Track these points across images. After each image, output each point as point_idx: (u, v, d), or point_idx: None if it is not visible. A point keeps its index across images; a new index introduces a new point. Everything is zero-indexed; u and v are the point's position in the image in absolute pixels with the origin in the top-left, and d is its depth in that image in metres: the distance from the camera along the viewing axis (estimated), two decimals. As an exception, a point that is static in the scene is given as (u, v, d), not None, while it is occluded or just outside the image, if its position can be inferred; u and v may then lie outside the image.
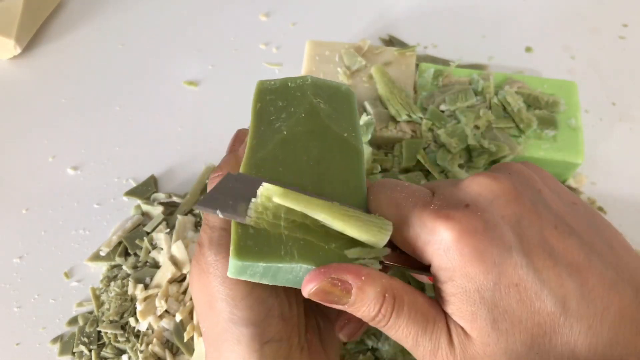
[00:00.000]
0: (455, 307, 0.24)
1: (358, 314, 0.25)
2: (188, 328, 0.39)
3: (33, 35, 0.57)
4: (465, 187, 0.26)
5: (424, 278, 0.32)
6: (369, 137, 0.43)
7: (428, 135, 0.43)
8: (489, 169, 0.28)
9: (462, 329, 0.24)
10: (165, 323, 0.40)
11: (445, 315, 0.25)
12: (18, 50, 0.55)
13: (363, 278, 0.24)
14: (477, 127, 0.44)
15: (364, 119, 0.43)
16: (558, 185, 0.28)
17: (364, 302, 0.24)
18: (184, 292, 0.41)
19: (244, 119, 0.51)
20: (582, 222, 0.25)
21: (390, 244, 0.26)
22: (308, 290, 0.24)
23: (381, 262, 0.26)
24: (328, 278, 0.24)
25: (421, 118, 0.44)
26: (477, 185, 0.25)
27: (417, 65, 0.48)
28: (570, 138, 0.44)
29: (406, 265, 0.27)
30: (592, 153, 0.47)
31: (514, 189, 0.25)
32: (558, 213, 0.25)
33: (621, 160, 0.48)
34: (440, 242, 0.24)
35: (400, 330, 0.24)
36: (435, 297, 0.26)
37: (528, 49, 0.56)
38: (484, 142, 0.42)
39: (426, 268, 0.26)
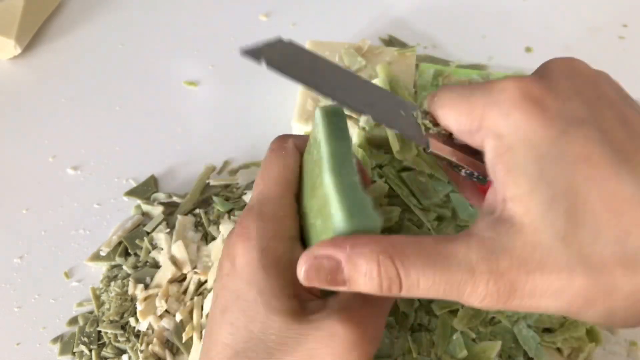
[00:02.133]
0: (513, 185, 0.21)
1: (363, 290, 0.22)
2: (187, 328, 0.39)
3: (33, 35, 0.57)
4: (544, 65, 0.24)
5: (471, 188, 0.29)
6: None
7: None
8: None
9: (500, 228, 0.21)
10: (165, 323, 0.40)
11: (469, 234, 0.21)
12: (18, 50, 0.55)
13: (347, 248, 0.22)
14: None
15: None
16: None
17: (359, 273, 0.22)
18: (184, 292, 0.41)
19: (244, 119, 0.51)
20: None
21: (442, 135, 0.25)
22: (301, 275, 0.23)
23: (430, 153, 0.25)
24: (312, 258, 0.23)
25: None
26: (557, 64, 0.23)
27: (417, 66, 0.48)
28: (570, 138, 0.44)
29: (455, 159, 0.26)
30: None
31: (597, 74, 0.22)
32: None
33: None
34: (504, 102, 0.21)
35: (424, 287, 0.21)
36: (490, 181, 0.23)
37: (528, 49, 0.56)
38: None
39: (475, 166, 0.24)
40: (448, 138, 0.26)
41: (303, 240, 0.29)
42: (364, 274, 0.21)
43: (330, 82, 0.27)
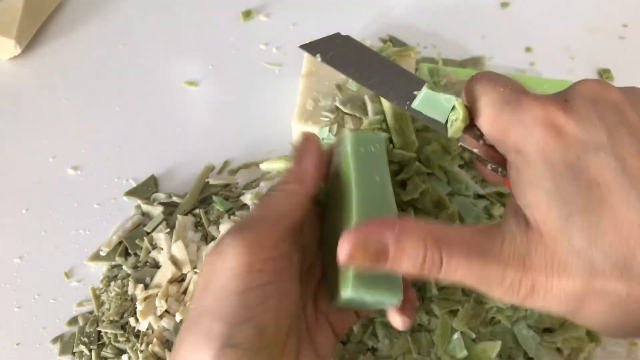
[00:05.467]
0: (532, 195, 0.23)
1: (402, 270, 0.23)
2: (188, 328, 0.39)
3: (33, 35, 0.57)
4: (572, 87, 0.24)
5: (495, 177, 0.31)
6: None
7: (433, 136, 0.43)
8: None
9: (529, 231, 0.22)
10: (165, 323, 0.40)
11: (503, 232, 0.23)
12: (18, 50, 0.55)
13: (397, 230, 0.23)
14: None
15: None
16: None
17: (404, 254, 0.23)
18: (184, 292, 0.41)
19: (244, 119, 0.51)
20: None
21: (474, 132, 0.27)
22: (344, 253, 0.23)
23: (461, 146, 0.27)
24: (361, 235, 0.23)
25: None
26: (583, 86, 0.24)
27: (416, 69, 0.48)
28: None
29: (486, 155, 0.27)
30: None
31: (623, 101, 0.23)
32: None
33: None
34: (527, 124, 0.23)
35: (460, 273, 0.23)
36: (510, 189, 0.25)
37: (528, 49, 0.56)
38: None
39: (501, 163, 0.26)
40: (479, 134, 0.27)
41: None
42: (410, 256, 0.23)
43: (377, 78, 0.30)
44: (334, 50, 0.31)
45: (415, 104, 0.29)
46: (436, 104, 0.28)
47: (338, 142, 0.32)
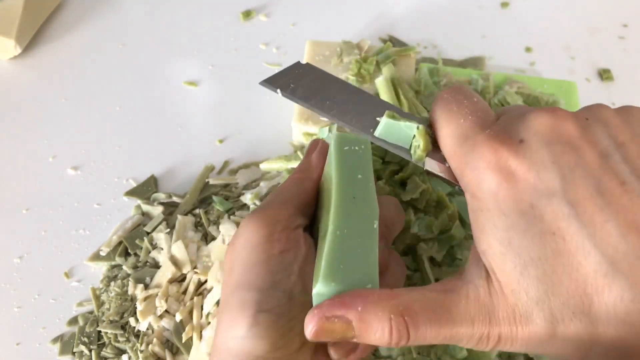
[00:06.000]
0: (486, 244, 0.23)
1: (373, 343, 0.24)
2: (187, 328, 0.39)
3: (33, 35, 0.57)
4: (529, 120, 0.23)
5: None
6: None
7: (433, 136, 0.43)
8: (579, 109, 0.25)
9: (490, 283, 0.23)
10: (165, 323, 0.40)
11: (467, 286, 0.24)
12: (18, 50, 0.55)
13: (359, 308, 0.23)
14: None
15: None
16: None
17: (370, 331, 0.23)
18: (184, 292, 0.41)
19: (244, 119, 0.51)
20: None
21: (439, 155, 0.27)
22: (309, 332, 0.24)
23: (426, 172, 0.27)
24: (323, 317, 0.23)
25: (426, 119, 0.43)
26: (540, 123, 0.23)
27: (416, 69, 0.48)
28: (570, 138, 0.44)
29: (449, 178, 0.27)
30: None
31: (580, 137, 0.22)
32: (637, 171, 0.22)
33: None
34: (482, 168, 0.23)
35: (428, 337, 0.23)
36: (471, 230, 0.25)
37: (528, 49, 0.56)
38: None
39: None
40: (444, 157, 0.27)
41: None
42: (375, 331, 0.23)
43: (340, 107, 0.29)
44: (295, 82, 0.30)
45: (377, 132, 0.29)
46: (398, 132, 0.28)
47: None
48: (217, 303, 0.39)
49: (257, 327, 0.25)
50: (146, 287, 0.42)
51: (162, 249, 0.43)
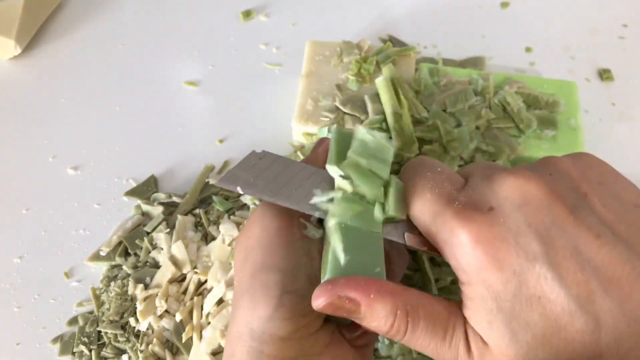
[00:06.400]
0: (472, 313, 0.23)
1: (371, 328, 0.25)
2: (187, 328, 0.39)
3: (33, 35, 0.57)
4: (495, 185, 0.24)
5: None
6: None
7: (433, 136, 0.43)
8: (532, 163, 0.26)
9: (481, 337, 0.23)
10: (165, 323, 0.40)
11: (465, 321, 0.24)
12: (18, 50, 0.55)
13: (372, 295, 0.24)
14: (477, 127, 0.44)
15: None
16: (618, 182, 0.25)
17: (374, 318, 0.24)
18: (184, 292, 0.41)
19: (244, 119, 0.51)
20: (637, 228, 0.23)
21: (416, 229, 0.27)
22: (317, 304, 0.24)
23: (405, 247, 0.27)
24: (335, 295, 0.24)
25: (426, 118, 0.44)
26: (507, 187, 0.23)
27: (416, 69, 0.48)
28: (570, 138, 0.44)
29: (430, 249, 0.27)
30: (592, 153, 0.47)
31: (548, 194, 0.23)
32: (606, 220, 0.23)
33: (621, 161, 0.48)
34: (458, 244, 0.23)
35: (418, 343, 0.24)
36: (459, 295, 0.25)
37: (528, 49, 0.56)
38: (482, 145, 0.43)
39: None
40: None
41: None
42: (379, 320, 0.24)
43: (296, 191, 0.28)
44: (253, 174, 0.28)
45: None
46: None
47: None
48: (217, 303, 0.39)
49: (283, 307, 0.25)
50: (146, 287, 0.42)
51: (162, 249, 0.43)
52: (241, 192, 0.27)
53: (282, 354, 0.25)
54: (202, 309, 0.40)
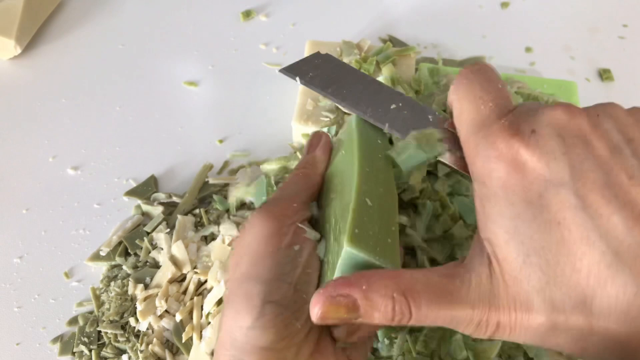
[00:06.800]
0: (491, 232, 0.23)
1: (376, 322, 0.24)
2: (187, 328, 0.39)
3: (33, 35, 0.57)
4: (542, 113, 0.24)
5: None
6: None
7: None
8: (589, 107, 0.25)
9: (492, 271, 0.23)
10: (165, 323, 0.40)
11: (469, 273, 0.24)
12: (18, 50, 0.55)
13: (364, 287, 0.24)
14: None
15: None
16: None
17: (374, 309, 0.24)
18: (184, 292, 0.41)
19: (244, 119, 0.51)
20: None
21: (456, 144, 0.27)
22: (315, 314, 0.24)
23: (439, 162, 0.27)
24: (329, 297, 0.24)
25: None
26: (553, 116, 0.23)
27: (416, 69, 0.48)
28: (570, 138, 0.44)
29: (459, 168, 0.27)
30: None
31: (591, 131, 0.23)
32: None
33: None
34: (491, 158, 0.23)
35: (430, 318, 0.24)
36: (476, 217, 0.25)
37: (528, 49, 0.56)
38: None
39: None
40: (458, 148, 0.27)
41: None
42: (379, 310, 0.24)
43: (355, 96, 0.30)
44: (313, 70, 0.31)
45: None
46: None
47: (340, 127, 0.33)
48: (217, 303, 0.39)
49: (264, 317, 0.25)
50: (146, 287, 0.42)
51: (162, 249, 0.43)
52: (299, 82, 0.30)
53: None
54: (202, 309, 0.40)
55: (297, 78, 0.31)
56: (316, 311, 0.24)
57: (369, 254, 0.25)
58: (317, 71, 0.32)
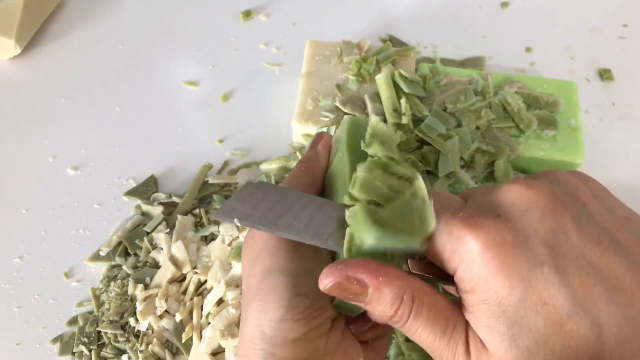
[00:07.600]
0: (474, 317, 0.23)
1: (375, 312, 0.25)
2: (187, 328, 0.39)
3: (33, 35, 0.57)
4: (499, 195, 0.24)
5: (452, 289, 0.32)
6: None
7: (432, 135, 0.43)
8: (531, 176, 0.27)
9: (481, 340, 0.23)
10: (165, 323, 0.40)
11: (466, 322, 0.24)
12: (18, 50, 0.55)
13: (380, 278, 0.24)
14: (477, 127, 0.44)
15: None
16: (610, 198, 0.26)
17: (380, 301, 0.24)
18: (184, 292, 0.41)
19: (244, 119, 0.51)
20: (634, 238, 0.23)
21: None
22: (324, 285, 0.24)
23: (408, 271, 0.26)
24: (344, 275, 0.24)
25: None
26: (512, 194, 0.24)
27: (416, 68, 0.48)
28: (570, 138, 0.44)
29: (434, 275, 0.27)
30: (592, 153, 0.47)
31: (552, 199, 0.23)
32: (605, 228, 0.23)
33: (621, 160, 0.48)
34: (466, 252, 0.23)
35: (418, 332, 0.24)
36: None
37: (528, 49, 0.56)
38: (482, 145, 0.43)
39: (452, 279, 0.25)
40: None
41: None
42: (385, 304, 0.24)
43: (298, 222, 0.27)
44: (250, 206, 0.27)
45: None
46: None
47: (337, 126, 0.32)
48: (217, 303, 0.39)
49: (294, 310, 0.26)
50: (146, 287, 0.42)
51: (162, 249, 0.43)
52: (238, 224, 0.27)
53: (294, 356, 0.25)
54: (202, 309, 0.40)
55: (236, 219, 0.27)
56: (327, 282, 0.24)
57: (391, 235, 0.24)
58: (254, 204, 0.27)
